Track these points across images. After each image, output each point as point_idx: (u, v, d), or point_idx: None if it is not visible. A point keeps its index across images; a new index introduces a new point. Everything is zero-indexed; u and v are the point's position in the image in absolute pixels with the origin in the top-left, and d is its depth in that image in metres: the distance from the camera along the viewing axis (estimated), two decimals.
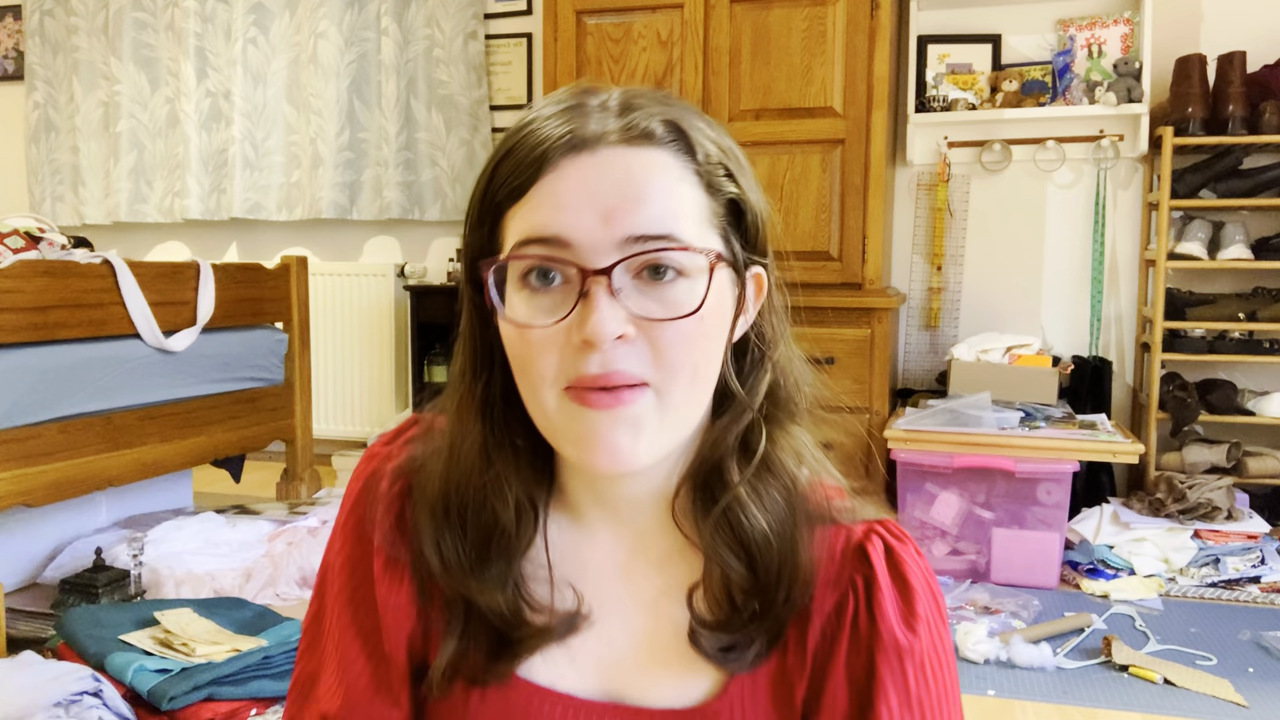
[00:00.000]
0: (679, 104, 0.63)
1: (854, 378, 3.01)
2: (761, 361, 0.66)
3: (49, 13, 4.33)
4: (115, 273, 2.36)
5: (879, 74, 2.98)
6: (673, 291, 0.59)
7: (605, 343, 0.57)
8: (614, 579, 0.67)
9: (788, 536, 0.63)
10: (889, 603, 0.63)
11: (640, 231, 0.57)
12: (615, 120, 0.60)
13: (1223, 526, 2.76)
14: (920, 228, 3.50)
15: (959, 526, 2.80)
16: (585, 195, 0.58)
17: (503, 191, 0.61)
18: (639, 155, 0.59)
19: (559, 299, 0.58)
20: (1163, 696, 2.04)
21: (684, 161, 0.61)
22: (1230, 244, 3.07)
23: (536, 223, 0.58)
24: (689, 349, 0.59)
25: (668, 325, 0.58)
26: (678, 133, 0.61)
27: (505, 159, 0.61)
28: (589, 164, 0.58)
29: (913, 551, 0.66)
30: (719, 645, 0.63)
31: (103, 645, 1.85)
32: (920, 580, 0.64)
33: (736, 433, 0.65)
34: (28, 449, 2.12)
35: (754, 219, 0.64)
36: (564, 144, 0.59)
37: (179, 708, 1.71)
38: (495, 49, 3.90)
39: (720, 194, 0.62)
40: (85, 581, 2.28)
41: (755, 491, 0.64)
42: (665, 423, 0.60)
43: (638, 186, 0.58)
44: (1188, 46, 3.20)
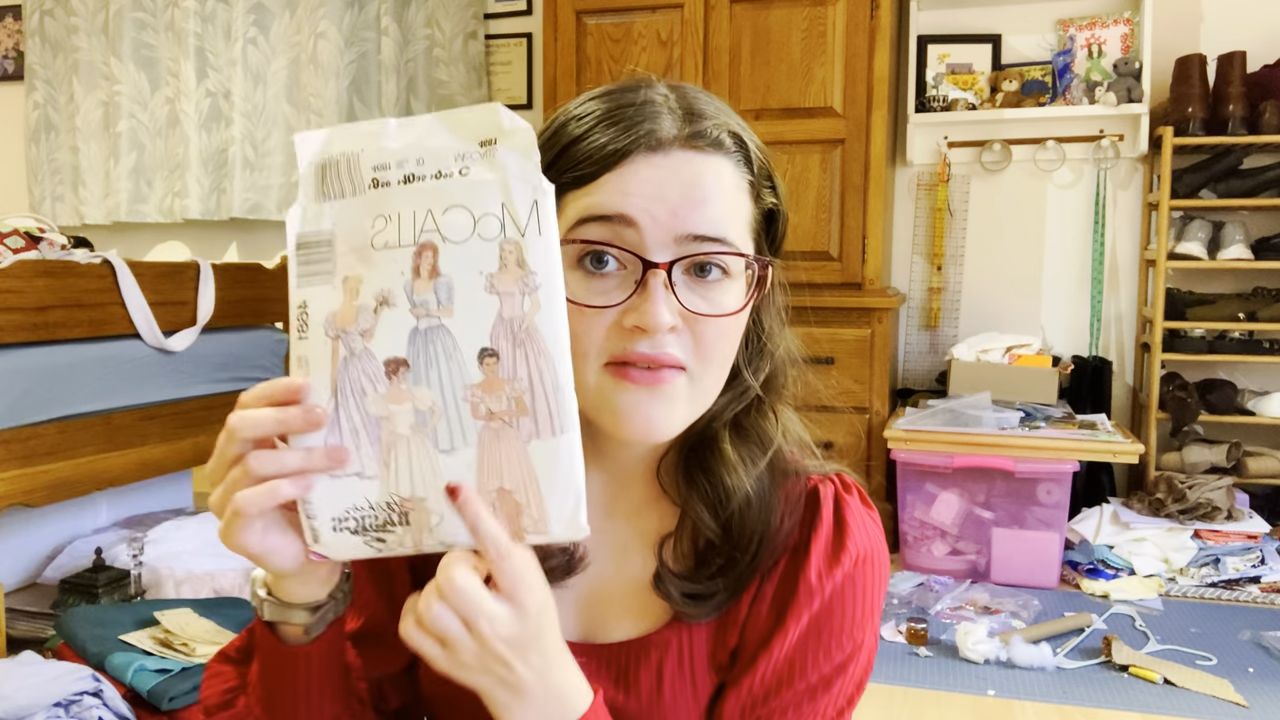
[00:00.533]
0: (725, 106, 0.69)
1: (854, 378, 3.01)
2: (764, 350, 0.72)
3: (49, 13, 4.33)
4: (115, 273, 2.36)
5: (879, 74, 2.98)
6: (717, 290, 0.64)
7: (660, 332, 0.61)
8: (595, 523, 0.72)
9: (766, 501, 0.69)
10: (823, 539, 0.69)
11: (700, 231, 0.63)
12: (686, 125, 0.65)
13: (1223, 526, 2.76)
14: (920, 228, 3.50)
15: (959, 526, 2.80)
16: (655, 189, 0.62)
17: (567, 176, 0.64)
18: (707, 161, 0.64)
19: (612, 284, 0.63)
20: (1163, 696, 2.04)
21: (742, 171, 0.67)
22: (1230, 244, 3.07)
23: (604, 202, 0.62)
24: (724, 342, 0.65)
25: (711, 321, 0.63)
26: (740, 145, 0.67)
27: (573, 146, 0.64)
28: (661, 163, 0.63)
29: (858, 499, 0.72)
30: (683, 592, 0.68)
31: (103, 645, 1.85)
32: (858, 522, 0.71)
33: (735, 410, 0.71)
34: (28, 449, 2.11)
35: (782, 227, 0.71)
36: (640, 143, 0.63)
37: (179, 708, 1.71)
38: (495, 49, 3.90)
39: (761, 203, 0.69)
40: (85, 581, 2.28)
41: (743, 460, 0.69)
42: (694, 402, 0.65)
43: (704, 189, 0.63)
44: (1188, 46, 3.20)
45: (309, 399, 0.54)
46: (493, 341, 0.53)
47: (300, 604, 0.61)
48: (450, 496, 0.54)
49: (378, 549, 0.55)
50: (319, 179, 0.56)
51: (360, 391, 0.55)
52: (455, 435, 0.54)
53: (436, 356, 0.54)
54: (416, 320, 0.54)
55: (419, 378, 0.54)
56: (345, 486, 0.55)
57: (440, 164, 0.54)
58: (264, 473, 0.53)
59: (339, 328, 0.55)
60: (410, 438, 0.54)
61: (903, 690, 2.09)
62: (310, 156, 0.57)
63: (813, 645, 0.68)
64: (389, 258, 0.54)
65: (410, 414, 0.54)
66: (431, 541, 0.55)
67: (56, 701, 1.61)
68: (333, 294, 0.55)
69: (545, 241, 0.53)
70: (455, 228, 0.54)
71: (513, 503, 0.54)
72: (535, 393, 0.53)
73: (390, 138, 0.55)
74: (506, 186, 0.53)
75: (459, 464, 0.54)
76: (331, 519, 0.55)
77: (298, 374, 0.55)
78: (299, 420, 0.54)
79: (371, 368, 0.54)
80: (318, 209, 0.56)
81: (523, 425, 0.53)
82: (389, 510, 0.55)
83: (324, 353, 0.55)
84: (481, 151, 0.54)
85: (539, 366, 0.53)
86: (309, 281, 0.56)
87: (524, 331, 0.53)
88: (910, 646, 2.30)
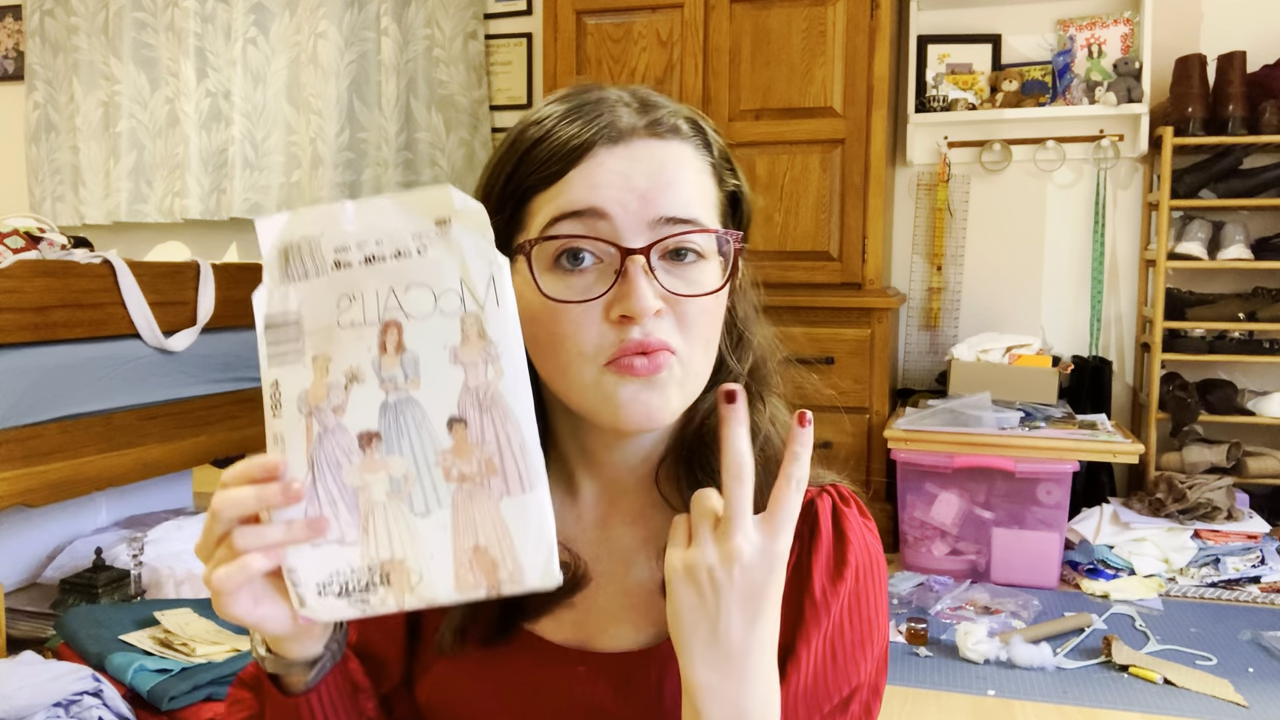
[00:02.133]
0: (684, 104, 0.70)
1: (854, 378, 3.01)
2: (744, 340, 0.74)
3: (49, 13, 4.33)
4: (115, 273, 2.35)
5: (879, 74, 2.98)
6: (694, 271, 0.65)
7: (647, 317, 0.63)
8: (592, 534, 0.73)
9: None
10: (824, 553, 0.69)
11: (671, 214, 0.64)
12: (642, 116, 0.66)
13: (1223, 526, 2.76)
14: (920, 228, 3.50)
15: (959, 526, 2.80)
16: (621, 179, 0.64)
17: (534, 178, 0.65)
18: (668, 147, 0.66)
19: (591, 279, 0.64)
20: (1163, 696, 2.04)
21: (703, 155, 0.68)
22: (1230, 244, 3.07)
23: (573, 198, 0.63)
24: (707, 323, 0.66)
25: (693, 301, 0.65)
26: (698, 129, 0.68)
27: (535, 149, 0.66)
28: (624, 153, 0.64)
29: (856, 511, 0.72)
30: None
31: (103, 645, 1.85)
32: (858, 536, 0.70)
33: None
34: (28, 449, 2.11)
35: (746, 209, 0.73)
36: (602, 135, 0.64)
37: (179, 708, 1.71)
38: (495, 49, 3.90)
39: (725, 185, 0.70)
40: (85, 581, 2.28)
41: None
42: (685, 387, 0.66)
43: (669, 174, 0.65)
44: (1188, 46, 3.20)
45: (287, 475, 0.57)
46: (460, 410, 0.56)
47: (298, 660, 0.64)
48: (726, 400, 0.58)
49: (363, 609, 0.58)
50: (282, 262, 0.59)
51: (336, 464, 0.57)
52: (430, 499, 0.57)
53: (407, 427, 0.57)
54: (386, 394, 0.57)
55: (391, 448, 0.57)
56: (327, 553, 0.58)
57: (399, 244, 0.57)
58: (247, 548, 0.56)
59: (311, 405, 0.57)
60: (387, 504, 0.57)
61: (903, 690, 2.09)
62: (272, 240, 0.59)
63: (830, 667, 0.67)
64: (355, 336, 0.57)
65: (385, 482, 0.57)
66: (414, 600, 0.57)
67: (56, 701, 1.61)
68: (303, 372, 0.58)
69: (503, 312, 0.56)
70: (417, 305, 0.57)
71: (489, 558, 0.56)
72: (504, 454, 0.56)
73: (348, 220, 0.58)
74: (464, 263, 0.56)
75: (435, 525, 0.57)
76: (316, 584, 0.58)
77: (274, 451, 0.58)
78: (278, 497, 0.56)
79: (345, 441, 0.57)
80: (283, 291, 0.59)
81: (493, 485, 0.56)
82: (371, 573, 0.57)
83: (298, 430, 0.58)
84: (437, 230, 0.57)
85: (505, 430, 0.56)
86: (279, 361, 0.59)
87: (489, 398, 0.56)
88: (910, 646, 2.30)
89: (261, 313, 0.59)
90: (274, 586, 0.58)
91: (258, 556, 0.56)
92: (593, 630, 0.71)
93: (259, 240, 0.59)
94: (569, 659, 0.69)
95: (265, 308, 0.59)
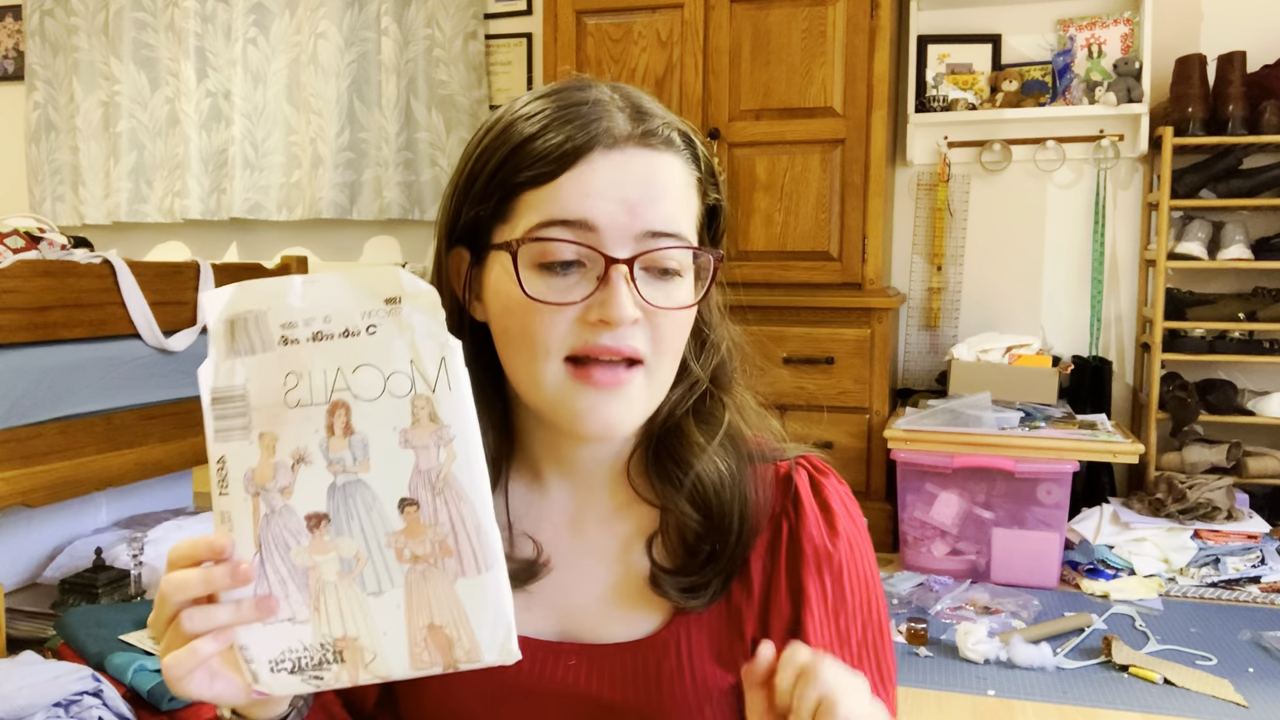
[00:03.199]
0: (664, 107, 0.71)
1: (854, 378, 3.01)
2: (707, 342, 0.75)
3: (49, 13, 4.33)
4: (115, 273, 2.35)
5: (879, 74, 2.98)
6: (673, 284, 0.67)
7: (625, 324, 0.64)
8: (565, 533, 0.73)
9: (739, 480, 0.71)
10: (813, 523, 0.71)
11: (657, 228, 0.65)
12: (636, 124, 0.67)
13: (1223, 526, 2.76)
14: (920, 228, 3.50)
15: (959, 526, 2.80)
16: (613, 187, 0.64)
17: (524, 175, 0.65)
18: (659, 158, 0.66)
19: (573, 281, 0.65)
20: (1163, 696, 2.04)
21: (691, 169, 0.69)
22: (1230, 244, 3.07)
23: (566, 207, 0.64)
24: (679, 334, 0.68)
25: (668, 314, 0.66)
26: (689, 143, 0.69)
27: (528, 144, 0.66)
28: (618, 161, 0.65)
29: (834, 480, 0.75)
30: (679, 588, 0.70)
31: (103, 645, 1.85)
32: (840, 503, 0.73)
33: (690, 401, 0.73)
34: (28, 449, 2.11)
35: (722, 224, 0.74)
36: (596, 141, 0.65)
37: (179, 708, 1.71)
38: (495, 49, 3.90)
39: (707, 199, 0.71)
40: (85, 581, 2.27)
41: (708, 443, 0.72)
42: (650, 396, 0.68)
43: (658, 186, 0.66)
44: (1188, 46, 3.20)
45: (234, 555, 0.56)
46: (412, 492, 0.55)
47: (264, 719, 0.63)
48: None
49: (315, 685, 0.57)
50: (229, 335, 0.58)
51: (284, 545, 0.56)
52: (382, 579, 0.56)
53: (356, 509, 0.56)
54: (334, 476, 0.56)
55: (341, 529, 0.56)
56: (279, 631, 0.57)
57: (347, 322, 0.56)
58: (195, 631, 0.56)
59: (258, 485, 0.56)
60: (338, 583, 0.56)
61: (903, 690, 2.09)
62: (218, 313, 0.58)
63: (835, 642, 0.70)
64: (303, 415, 0.56)
65: (335, 562, 0.56)
66: (368, 676, 0.57)
67: (56, 701, 1.61)
68: (250, 450, 0.57)
69: (455, 395, 0.55)
70: (366, 386, 0.56)
71: (444, 637, 0.56)
72: (458, 535, 0.55)
73: (295, 296, 0.57)
74: (414, 345, 0.56)
75: (388, 605, 0.56)
76: (269, 661, 0.57)
77: (221, 530, 0.57)
78: (225, 579, 0.56)
79: (293, 523, 0.56)
80: (230, 365, 0.58)
81: (448, 565, 0.55)
82: (323, 650, 0.57)
83: (245, 510, 0.56)
84: (387, 309, 0.56)
85: (460, 511, 0.55)
86: (226, 437, 0.57)
87: (442, 481, 0.55)
88: (910, 646, 2.30)
89: (207, 386, 0.58)
90: (228, 663, 0.57)
91: (207, 641, 0.55)
92: (580, 628, 0.72)
93: (204, 312, 0.58)
94: (560, 652, 0.70)
95: (211, 380, 0.58)
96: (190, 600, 0.56)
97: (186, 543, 0.57)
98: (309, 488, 0.56)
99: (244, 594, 0.56)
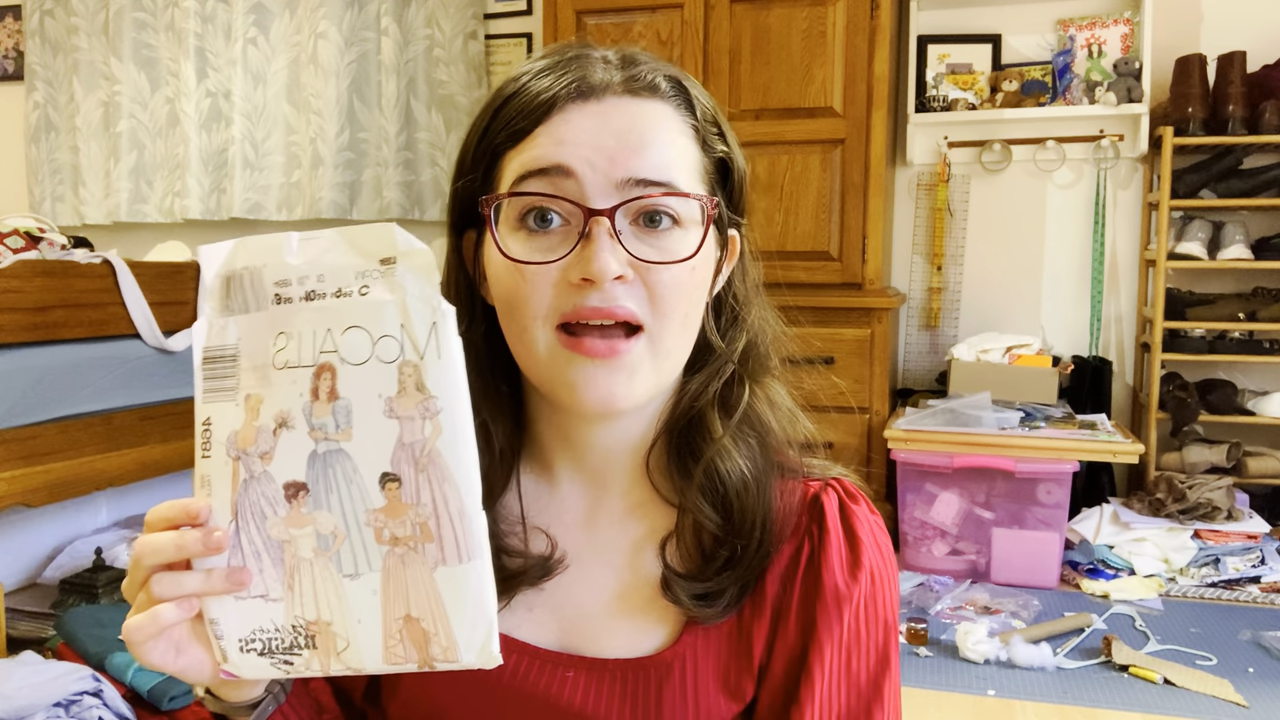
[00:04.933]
0: (672, 65, 0.66)
1: (854, 378, 3.01)
2: (737, 320, 0.69)
3: (49, 13, 4.33)
4: (115, 273, 2.35)
5: (879, 74, 2.98)
6: (668, 238, 0.61)
7: (606, 280, 0.59)
8: (575, 531, 0.69)
9: (763, 484, 0.66)
10: (836, 553, 0.65)
11: (642, 175, 0.60)
12: (619, 72, 0.62)
13: (1223, 526, 2.76)
14: (920, 228, 3.50)
15: (959, 526, 2.80)
16: (590, 136, 0.60)
17: (503, 135, 0.62)
18: (643, 106, 0.62)
19: (557, 240, 0.60)
20: (1163, 696, 2.04)
21: (684, 116, 0.64)
22: (1230, 244, 3.07)
23: (539, 155, 0.60)
24: (681, 295, 0.62)
25: (663, 269, 0.60)
26: (679, 89, 0.64)
27: (506, 104, 0.63)
28: (595, 110, 0.61)
29: (865, 508, 0.68)
30: (692, 594, 0.64)
31: (103, 645, 1.85)
32: (868, 534, 0.67)
33: (716, 387, 0.67)
34: (28, 449, 2.11)
35: (739, 178, 0.68)
36: (572, 90, 0.61)
37: (179, 708, 1.71)
38: (495, 49, 3.90)
39: (712, 151, 0.65)
40: (85, 581, 2.28)
41: (734, 441, 0.66)
42: (657, 367, 0.62)
43: (641, 134, 0.61)
44: (1188, 46, 3.20)
45: (210, 521, 0.54)
46: (394, 466, 0.52)
47: (238, 703, 0.61)
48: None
49: (285, 670, 0.55)
50: (224, 292, 0.56)
51: (260, 515, 0.54)
52: (359, 560, 0.53)
53: (336, 481, 0.53)
54: (315, 444, 0.53)
55: (319, 502, 0.53)
56: (251, 608, 0.54)
57: (341, 282, 0.53)
58: (164, 596, 0.53)
59: (239, 449, 0.54)
60: (314, 561, 0.53)
61: (903, 690, 2.08)
62: (215, 268, 0.56)
63: (843, 677, 0.65)
64: (289, 378, 0.54)
65: (312, 538, 0.53)
66: (339, 666, 0.54)
67: (56, 701, 1.61)
68: (235, 412, 0.54)
69: (445, 364, 0.52)
70: (354, 349, 0.53)
71: (420, 630, 0.53)
72: (440, 519, 0.52)
73: (292, 253, 0.54)
74: (405, 307, 0.52)
75: (364, 589, 0.53)
76: (239, 640, 0.55)
77: (200, 494, 0.55)
78: (198, 545, 0.53)
79: (271, 491, 0.54)
80: (223, 323, 0.56)
81: (428, 552, 0.52)
82: (295, 633, 0.54)
83: (225, 474, 0.54)
84: (382, 270, 0.53)
85: (443, 492, 0.52)
86: (213, 398, 0.55)
87: (426, 457, 0.52)
88: (910, 646, 2.30)
89: (200, 344, 0.56)
90: (197, 636, 0.55)
91: (170, 608, 0.53)
92: (582, 638, 0.67)
93: (201, 268, 0.55)
94: (557, 663, 0.66)
95: (204, 339, 0.56)
96: (162, 564, 0.54)
97: (164, 505, 0.55)
98: (289, 454, 0.53)
99: (217, 563, 0.54)
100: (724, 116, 0.68)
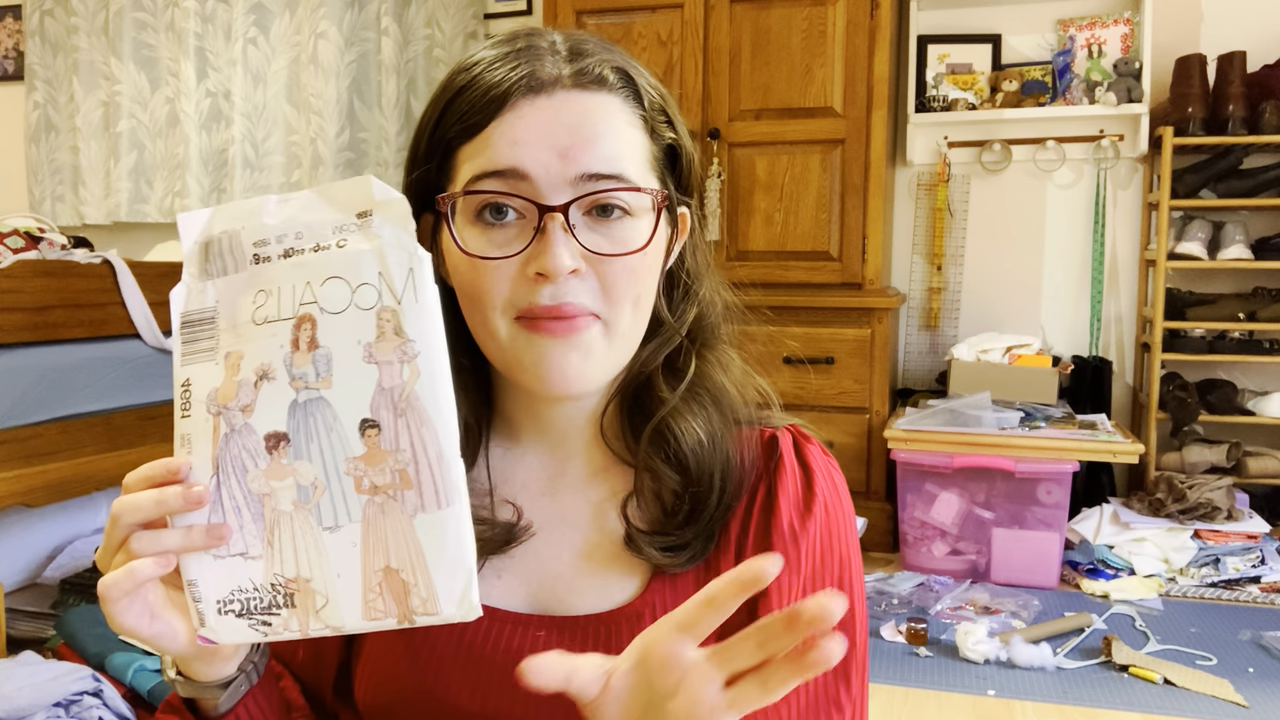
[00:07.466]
0: (620, 50, 0.68)
1: (854, 378, 3.01)
2: (689, 293, 0.72)
3: (49, 13, 4.33)
4: (115, 273, 2.35)
5: (879, 74, 2.98)
6: (619, 229, 0.63)
7: (560, 276, 0.61)
8: (539, 498, 0.71)
9: (719, 440, 0.68)
10: (791, 484, 0.69)
11: (593, 170, 0.62)
12: (568, 65, 0.64)
13: (1223, 526, 2.76)
14: (920, 228, 3.50)
15: (959, 526, 2.80)
16: (542, 133, 0.61)
17: (455, 129, 0.64)
18: (592, 99, 0.63)
19: (513, 233, 0.62)
20: (1163, 696, 2.04)
21: (632, 107, 0.65)
22: (1230, 244, 3.07)
23: (494, 158, 0.62)
24: (633, 282, 0.64)
25: (616, 260, 0.63)
26: (627, 80, 0.65)
27: (458, 97, 0.64)
28: (546, 105, 0.62)
29: (818, 448, 0.72)
30: (657, 546, 0.67)
31: (103, 645, 1.85)
32: (821, 467, 0.70)
33: (663, 355, 0.70)
34: (28, 449, 2.11)
35: (687, 162, 0.70)
36: (522, 85, 0.62)
37: None
38: None
39: (660, 139, 0.67)
40: (85, 581, 2.28)
41: (686, 403, 0.69)
42: (612, 349, 0.65)
43: (592, 128, 0.62)
44: (1188, 46, 3.20)
45: (190, 478, 0.54)
46: (373, 412, 0.52)
47: (209, 682, 0.60)
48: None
49: (264, 633, 0.54)
50: (202, 257, 0.56)
51: (241, 468, 0.54)
52: (339, 511, 0.53)
53: (317, 430, 0.53)
54: (296, 393, 0.53)
55: (300, 452, 0.53)
56: (230, 567, 0.54)
57: (319, 237, 0.54)
58: (141, 552, 0.53)
59: (220, 404, 0.54)
60: (294, 514, 0.53)
61: (903, 690, 2.09)
62: (194, 236, 0.56)
63: (812, 582, 0.67)
64: (269, 331, 0.54)
65: (292, 489, 0.53)
66: (318, 625, 0.54)
67: (56, 701, 1.61)
68: (215, 371, 0.55)
69: (422, 308, 0.53)
70: (333, 298, 0.53)
71: (400, 582, 0.52)
72: (419, 464, 0.52)
73: (269, 214, 0.55)
74: (382, 255, 0.53)
75: (344, 542, 0.53)
76: (217, 601, 0.54)
77: (180, 453, 0.55)
78: (178, 500, 0.53)
79: (252, 443, 0.54)
80: (201, 287, 0.56)
81: (407, 499, 0.52)
82: (274, 591, 0.54)
83: (205, 430, 0.54)
84: (359, 223, 0.54)
85: (422, 437, 0.52)
86: (192, 360, 0.55)
87: (404, 401, 0.52)
88: (910, 646, 2.30)
89: (178, 310, 0.56)
90: (173, 601, 0.55)
91: (148, 562, 0.52)
92: (551, 598, 0.68)
93: (180, 235, 0.56)
94: (528, 624, 0.67)
95: (183, 305, 0.56)
96: (140, 523, 0.53)
97: (144, 465, 0.54)
98: (270, 405, 0.53)
99: (197, 519, 0.53)
100: (672, 101, 0.69)
